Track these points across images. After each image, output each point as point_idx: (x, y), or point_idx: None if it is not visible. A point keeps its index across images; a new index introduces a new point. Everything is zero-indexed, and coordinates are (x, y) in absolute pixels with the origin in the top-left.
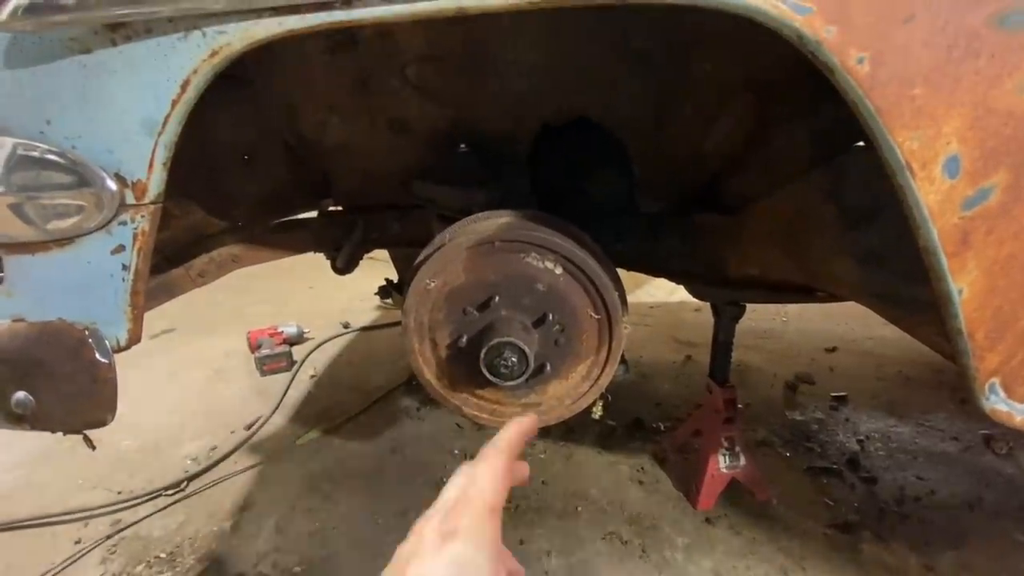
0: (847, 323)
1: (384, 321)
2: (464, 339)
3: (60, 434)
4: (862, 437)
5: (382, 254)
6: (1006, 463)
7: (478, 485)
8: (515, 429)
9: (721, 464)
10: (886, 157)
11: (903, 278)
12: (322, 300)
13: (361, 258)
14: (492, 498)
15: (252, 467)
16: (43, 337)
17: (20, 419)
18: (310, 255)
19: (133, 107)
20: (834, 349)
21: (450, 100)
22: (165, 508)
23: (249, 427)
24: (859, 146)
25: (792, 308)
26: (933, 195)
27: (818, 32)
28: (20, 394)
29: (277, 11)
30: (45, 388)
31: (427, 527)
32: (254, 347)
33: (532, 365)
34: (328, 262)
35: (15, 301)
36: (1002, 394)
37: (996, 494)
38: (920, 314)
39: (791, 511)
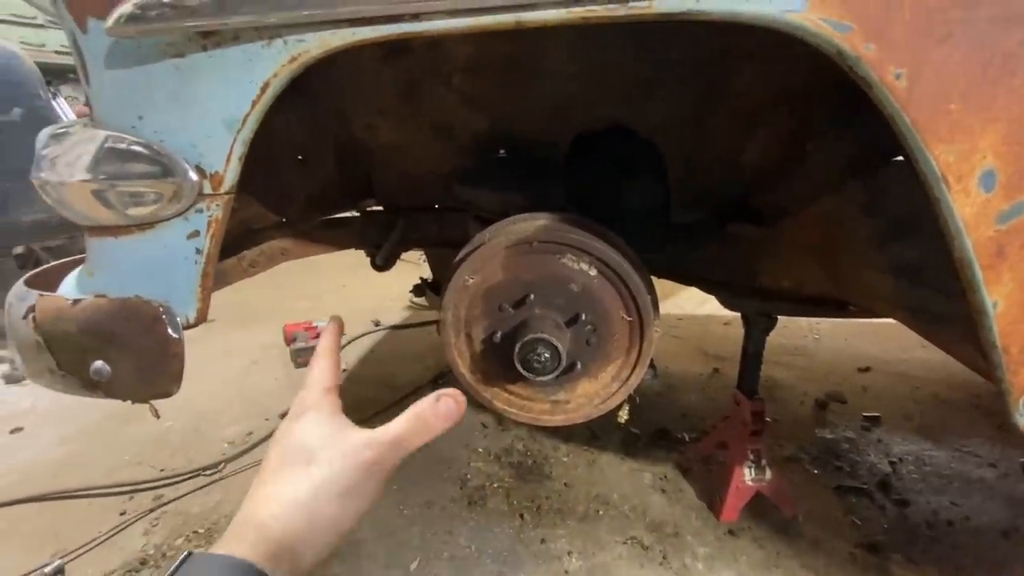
0: (881, 343)
1: (413, 320)
2: (499, 335)
3: (109, 412)
4: (895, 459)
5: (412, 256)
6: None
7: (313, 375)
8: (328, 334)
9: (746, 476)
10: (922, 169)
11: (938, 293)
12: (354, 298)
13: (399, 256)
14: (325, 383)
15: None
16: (122, 312)
17: (96, 386)
18: (344, 255)
19: (218, 106)
20: (868, 369)
21: (492, 107)
22: (204, 487)
23: (283, 415)
24: (896, 160)
25: (824, 326)
26: (968, 208)
27: (858, 48)
28: (98, 363)
29: (352, 23)
30: (121, 359)
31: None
32: (289, 340)
33: (564, 362)
34: (363, 261)
35: (96, 280)
36: None
37: None
38: (954, 330)
39: (817, 528)
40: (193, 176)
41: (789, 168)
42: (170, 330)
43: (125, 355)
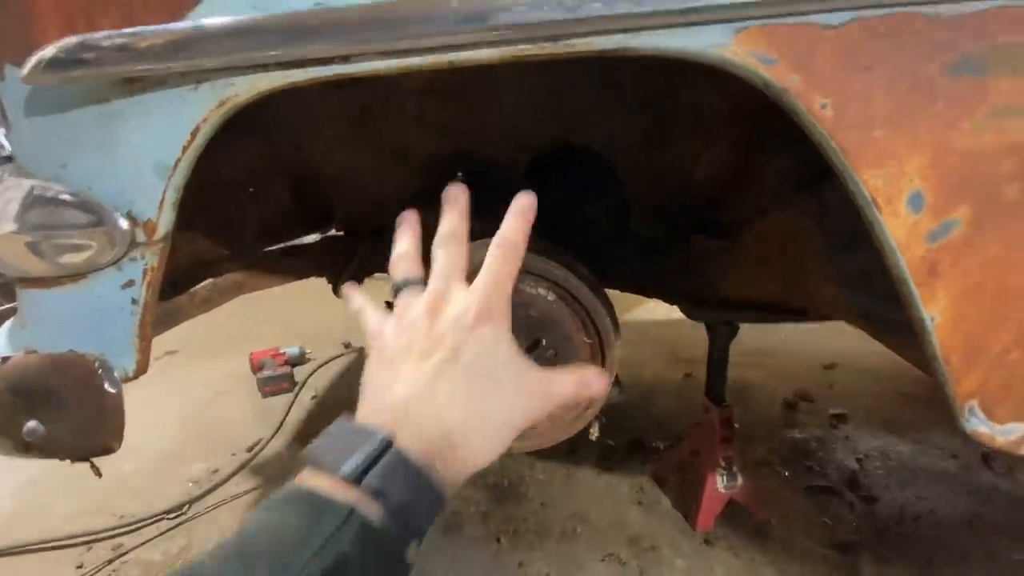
0: (846, 339)
1: None
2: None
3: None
4: (861, 455)
5: (383, 275)
6: (1005, 481)
7: (497, 273)
8: (519, 219)
9: (719, 484)
10: (853, 193)
11: (888, 301)
12: (323, 320)
13: (362, 281)
14: (511, 285)
15: (253, 489)
16: (55, 368)
17: (30, 448)
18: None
19: (146, 152)
20: (833, 366)
21: (448, 131)
22: (167, 532)
23: (250, 449)
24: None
25: (790, 325)
26: (899, 229)
27: (783, 80)
28: (31, 423)
29: (281, 66)
30: (55, 417)
31: (451, 306)
32: (256, 368)
33: None
34: (326, 281)
35: (28, 333)
36: (982, 416)
37: (996, 512)
38: (906, 336)
39: (790, 531)
40: (124, 224)
41: (742, 182)
42: (107, 385)
43: (60, 413)
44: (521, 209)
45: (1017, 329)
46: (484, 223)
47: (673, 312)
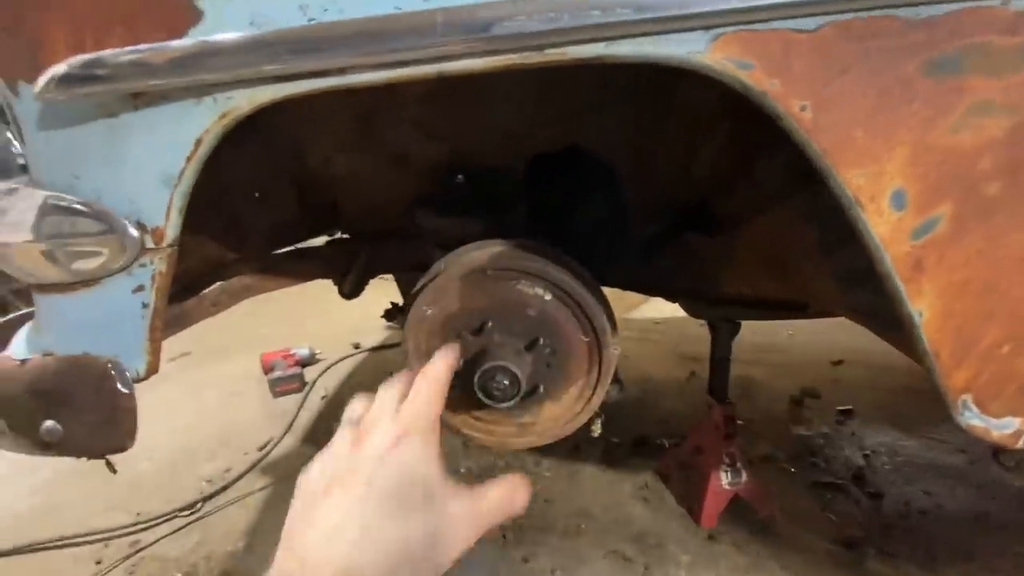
0: (853, 336)
1: (393, 341)
2: (461, 363)
3: (79, 459)
4: (868, 451)
5: (388, 278)
6: (1014, 476)
7: (423, 394)
8: (444, 359)
9: (723, 481)
10: (836, 193)
11: (883, 297)
12: (334, 321)
13: (367, 283)
14: (437, 409)
15: (265, 488)
16: (70, 370)
17: (48, 446)
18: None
19: (152, 163)
20: (840, 362)
21: (447, 135)
22: (181, 529)
23: (262, 449)
24: None
25: (798, 321)
26: (883, 226)
27: (762, 84)
28: (49, 423)
29: (279, 79)
30: (71, 417)
31: (373, 434)
32: (267, 369)
33: (524, 387)
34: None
35: (44, 337)
36: (975, 410)
37: (1003, 508)
38: (900, 330)
39: (795, 527)
40: (134, 232)
41: (738, 179)
42: (120, 385)
43: (76, 413)
44: (445, 353)
45: (1006, 323)
46: (485, 225)
47: (679, 310)
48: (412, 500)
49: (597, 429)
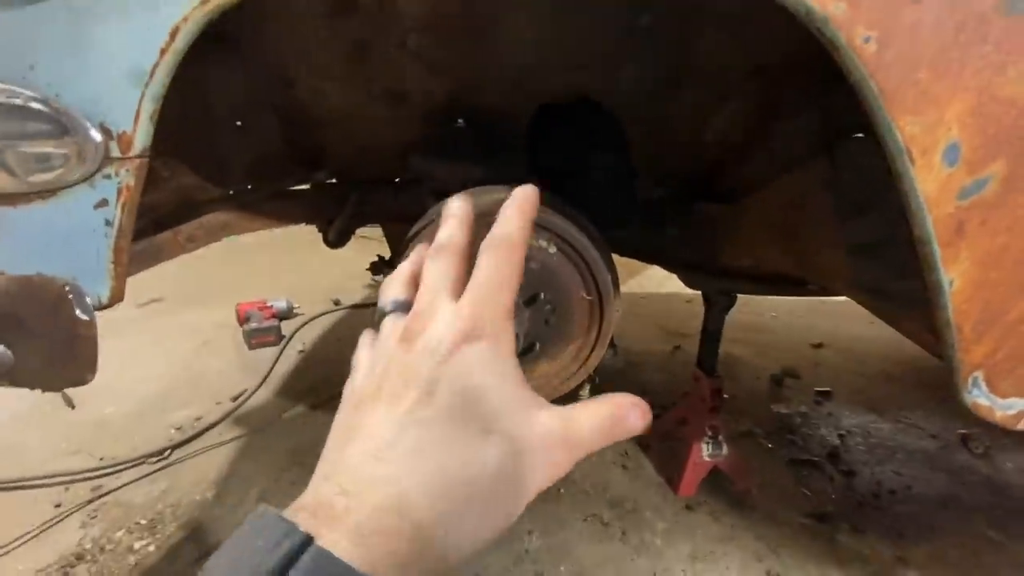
0: (834, 320)
1: (374, 299)
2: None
3: (41, 398)
4: (843, 432)
5: (375, 232)
6: (982, 462)
7: (492, 278)
8: (519, 215)
9: (704, 452)
10: (886, 142)
11: (892, 271)
12: (313, 276)
13: (353, 232)
14: (512, 296)
15: (237, 438)
16: (22, 291)
17: None
18: (303, 231)
19: (120, 55)
20: (820, 345)
21: (450, 72)
22: (148, 476)
23: (235, 399)
24: (857, 137)
25: (782, 304)
26: (931, 183)
27: (827, 8)
28: None
29: None
30: (23, 344)
31: (430, 327)
32: (242, 320)
33: (522, 343)
34: (320, 237)
35: None
36: (984, 388)
37: (971, 492)
38: (907, 309)
39: (771, 500)
40: (96, 136)
41: (755, 144)
42: (78, 311)
43: (28, 339)
44: (521, 202)
45: None
46: (486, 170)
47: (665, 286)
48: (484, 419)
49: (586, 395)
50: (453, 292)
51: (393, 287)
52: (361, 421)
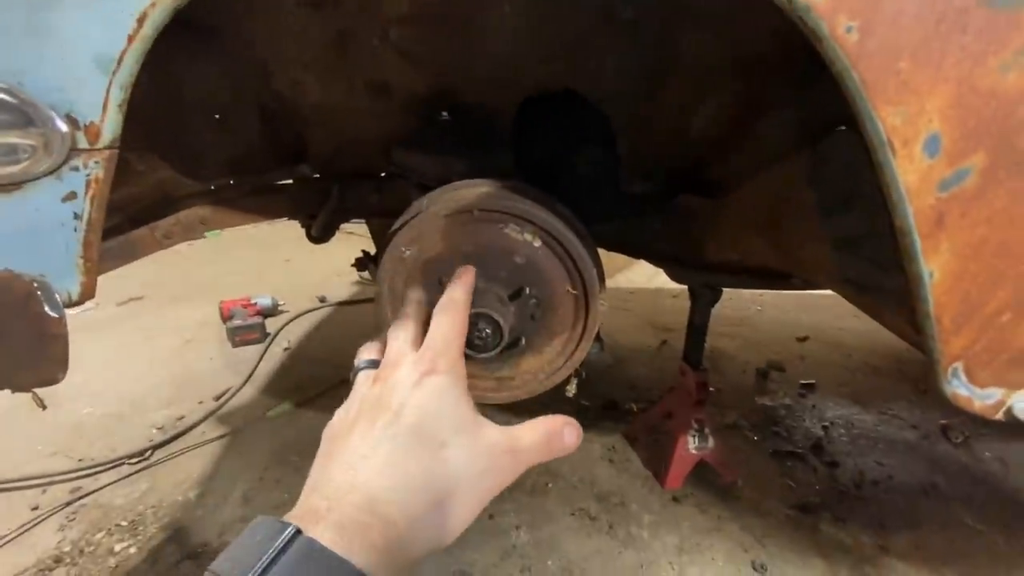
0: (819, 314)
1: (360, 297)
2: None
3: (18, 400)
4: (827, 423)
5: (360, 228)
6: (961, 452)
7: (444, 332)
8: (462, 286)
9: (690, 445)
10: (868, 132)
11: (875, 265)
12: (298, 273)
13: (337, 227)
14: (461, 344)
15: (220, 438)
16: None
17: None
18: (287, 227)
19: (85, 42)
20: (805, 338)
21: (432, 64)
22: (128, 476)
23: (218, 398)
24: (840, 130)
25: (767, 297)
26: (912, 174)
27: None
28: None
29: None
30: None
31: (397, 370)
32: (226, 317)
33: (507, 338)
34: (304, 233)
35: None
36: (964, 379)
37: (950, 481)
38: (889, 302)
39: (756, 492)
40: (62, 126)
41: (739, 138)
42: (47, 308)
43: None
44: (464, 276)
45: (1012, 289)
46: (470, 164)
47: (652, 281)
48: (442, 434)
49: (572, 389)
50: (414, 347)
51: (365, 352)
52: (339, 446)
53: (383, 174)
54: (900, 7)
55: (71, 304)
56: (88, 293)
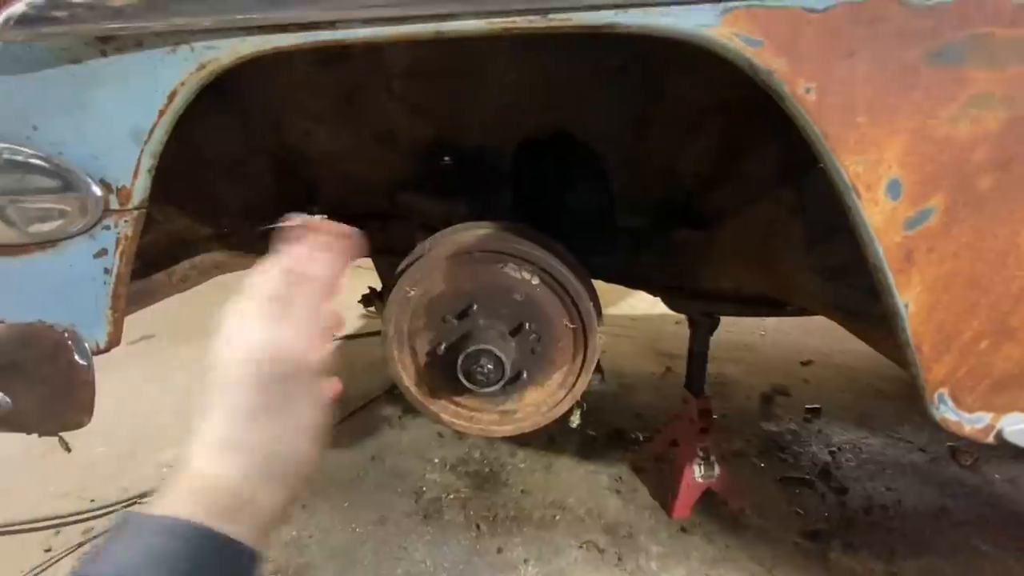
0: (822, 337)
1: (367, 330)
2: (443, 347)
3: (32, 440)
4: (834, 448)
5: (366, 263)
6: (970, 474)
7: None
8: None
9: (696, 474)
10: (834, 179)
11: (863, 293)
12: None
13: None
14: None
15: None
16: (22, 338)
17: None
18: None
19: (120, 116)
20: (809, 362)
21: (434, 113)
22: None
23: None
24: (820, 166)
25: (770, 322)
26: (878, 216)
27: (769, 63)
28: None
29: (265, 29)
30: (22, 389)
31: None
32: None
33: (508, 372)
34: None
35: None
36: (951, 404)
37: (960, 504)
38: (879, 327)
39: (764, 520)
40: (97, 191)
41: (726, 174)
42: (77, 356)
43: (28, 386)
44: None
45: (987, 317)
46: (471, 205)
47: (655, 307)
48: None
49: (576, 420)
50: None
51: None
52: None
53: (389, 215)
54: (853, 69)
55: (98, 352)
56: (114, 341)
